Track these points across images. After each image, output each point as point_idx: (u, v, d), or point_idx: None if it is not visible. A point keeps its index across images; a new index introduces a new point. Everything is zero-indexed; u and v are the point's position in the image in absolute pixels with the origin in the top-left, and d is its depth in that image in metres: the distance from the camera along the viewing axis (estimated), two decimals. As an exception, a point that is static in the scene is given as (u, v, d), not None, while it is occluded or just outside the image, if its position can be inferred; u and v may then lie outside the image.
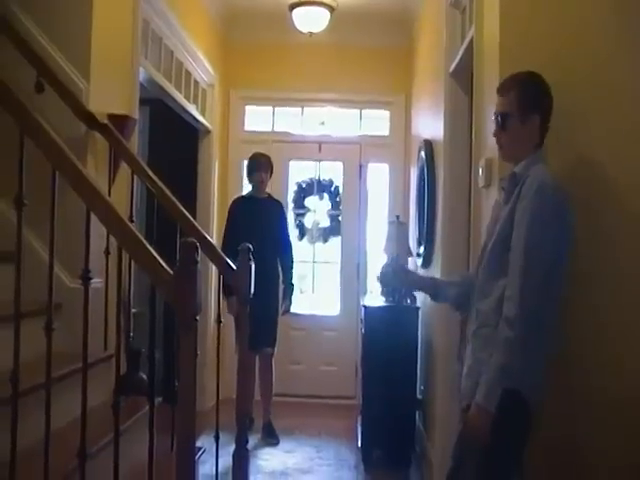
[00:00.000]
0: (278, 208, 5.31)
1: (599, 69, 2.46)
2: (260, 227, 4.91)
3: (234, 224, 5.05)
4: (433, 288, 2.61)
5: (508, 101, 2.24)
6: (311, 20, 5.41)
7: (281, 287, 5.17)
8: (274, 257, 5.08)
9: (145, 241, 1.99)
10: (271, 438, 4.91)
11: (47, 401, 2.05)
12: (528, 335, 2.02)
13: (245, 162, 6.31)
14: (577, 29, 2.50)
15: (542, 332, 2.08)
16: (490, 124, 2.62)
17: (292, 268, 5.21)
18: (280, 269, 5.14)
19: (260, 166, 5.13)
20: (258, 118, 6.53)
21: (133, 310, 3.09)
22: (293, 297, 5.21)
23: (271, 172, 5.23)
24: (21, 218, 2.06)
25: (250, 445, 3.37)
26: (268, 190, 5.29)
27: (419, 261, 4.79)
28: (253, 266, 3.11)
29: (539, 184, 2.07)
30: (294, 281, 5.24)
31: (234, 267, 3.15)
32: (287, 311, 5.20)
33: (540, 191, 2.06)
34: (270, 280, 4.99)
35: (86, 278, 2.04)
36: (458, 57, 3.62)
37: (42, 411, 2.04)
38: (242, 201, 5.24)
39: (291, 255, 5.24)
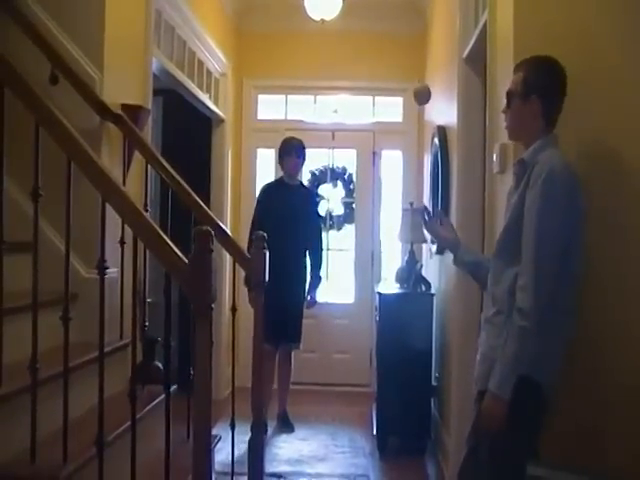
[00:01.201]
0: (309, 197, 5.15)
1: (614, 53, 2.44)
2: (289, 215, 4.76)
3: (262, 212, 4.86)
4: (456, 248, 2.56)
5: (516, 80, 2.25)
6: (323, 7, 5.37)
7: (308, 279, 4.99)
8: (302, 248, 4.91)
9: (160, 230, 2.00)
10: (286, 427, 4.87)
11: (65, 390, 2.08)
12: (542, 324, 2.02)
13: (259, 151, 6.35)
14: (592, 13, 2.48)
15: (557, 319, 2.07)
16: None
17: (321, 260, 5.05)
18: (308, 260, 4.97)
19: (292, 150, 4.94)
20: (271, 107, 6.52)
21: (148, 299, 3.11)
22: (318, 289, 5.05)
23: (304, 158, 5.04)
24: (37, 209, 2.08)
25: (268, 455, 3.38)
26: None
27: (433, 248, 4.78)
28: (267, 254, 3.11)
29: (548, 170, 2.05)
30: (322, 274, 5.06)
31: (248, 256, 3.16)
32: (312, 304, 5.04)
33: (549, 177, 2.04)
34: (296, 271, 4.85)
35: (102, 268, 2.06)
36: (472, 42, 3.59)
37: (60, 400, 2.07)
38: (272, 187, 5.07)
39: (320, 246, 5.08)
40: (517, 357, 2.02)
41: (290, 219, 4.73)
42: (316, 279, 5.00)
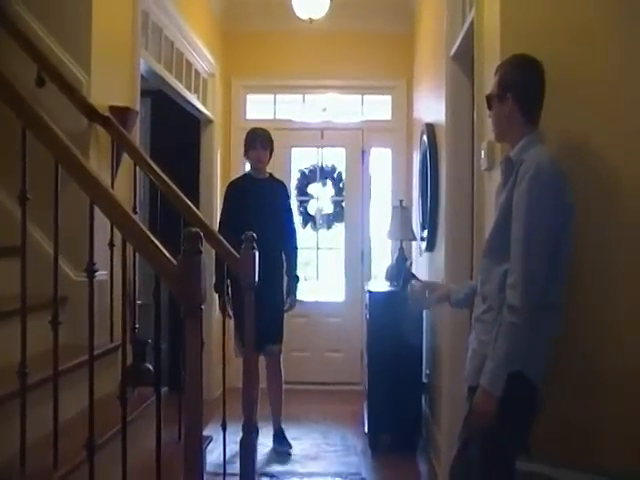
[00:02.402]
0: (280, 189, 4.76)
1: (602, 51, 2.46)
2: (260, 211, 4.40)
3: (230, 209, 4.55)
4: (447, 297, 2.58)
5: (494, 82, 2.29)
6: (311, 6, 5.38)
7: (285, 278, 4.67)
8: (277, 245, 4.54)
9: (149, 232, 1.99)
10: (282, 446, 4.53)
11: (55, 393, 2.07)
12: (533, 321, 2.03)
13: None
14: (579, 10, 2.49)
15: (547, 316, 2.09)
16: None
17: (296, 257, 4.71)
18: (283, 258, 4.64)
19: (257, 142, 4.57)
20: (260, 106, 6.52)
21: (138, 301, 3.11)
22: (297, 289, 4.71)
23: (271, 150, 4.65)
24: (25, 213, 2.08)
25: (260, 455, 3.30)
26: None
27: (423, 245, 4.80)
28: (257, 255, 3.12)
29: (536, 168, 2.06)
30: (299, 272, 4.75)
31: (237, 255, 3.16)
32: (292, 307, 4.70)
33: (537, 175, 2.06)
34: (273, 270, 4.40)
35: (91, 271, 2.05)
36: (459, 40, 3.60)
37: (50, 404, 2.06)
38: (239, 183, 4.71)
39: (295, 242, 4.73)
40: (508, 354, 2.04)
41: (260, 216, 4.34)
42: (293, 279, 4.69)
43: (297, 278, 4.72)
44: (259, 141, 4.58)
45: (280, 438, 4.56)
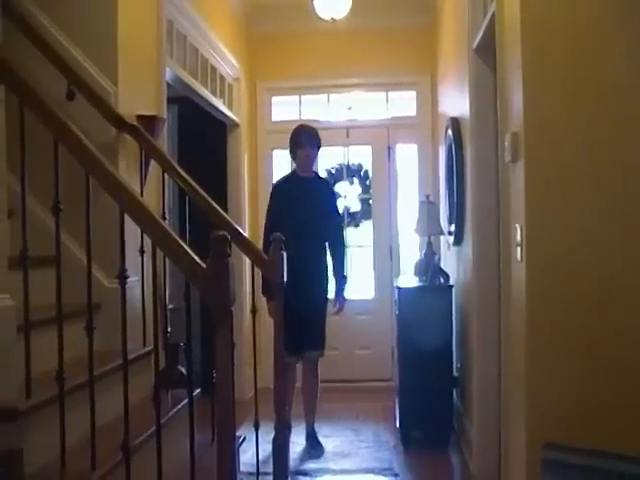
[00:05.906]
0: (326, 188, 4.67)
1: (622, 42, 2.45)
2: (306, 211, 4.34)
3: (276, 210, 4.45)
4: None
5: None
6: (333, 6, 5.39)
7: (330, 280, 4.56)
8: (322, 245, 4.49)
9: (177, 238, 2.04)
10: (315, 449, 4.46)
11: (91, 398, 2.14)
12: None
13: (274, 152, 6.33)
14: (598, 3, 2.48)
15: None
16: (515, 97, 2.64)
17: (344, 257, 4.61)
18: (329, 259, 4.53)
19: (305, 140, 4.44)
20: (285, 108, 6.55)
21: (170, 305, 3.16)
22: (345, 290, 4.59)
23: (318, 147, 4.51)
24: (59, 223, 2.14)
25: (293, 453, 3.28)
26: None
27: (451, 239, 4.80)
28: (285, 256, 3.14)
29: None
30: (346, 272, 4.62)
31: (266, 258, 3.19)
32: (341, 308, 4.59)
33: None
34: (317, 272, 4.43)
35: (123, 278, 2.11)
36: (481, 33, 3.60)
37: (87, 408, 2.13)
38: (284, 183, 4.60)
39: (343, 242, 4.64)
40: None
41: (308, 215, 4.35)
42: (341, 280, 4.57)
43: (345, 278, 4.62)
44: (307, 139, 4.45)
45: (312, 441, 4.55)
